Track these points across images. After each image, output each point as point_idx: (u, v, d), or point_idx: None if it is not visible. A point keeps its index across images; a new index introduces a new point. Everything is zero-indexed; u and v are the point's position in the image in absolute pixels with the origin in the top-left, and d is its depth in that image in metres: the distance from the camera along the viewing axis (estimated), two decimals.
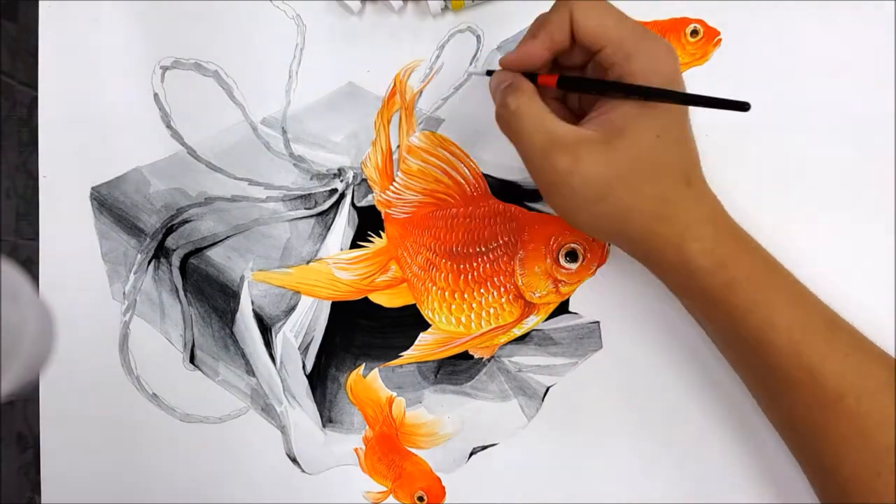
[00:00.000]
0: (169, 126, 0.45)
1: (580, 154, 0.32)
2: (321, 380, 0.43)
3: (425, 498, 0.42)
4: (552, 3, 0.42)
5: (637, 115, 0.32)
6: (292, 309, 0.43)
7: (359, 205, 0.43)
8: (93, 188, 0.45)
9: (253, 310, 0.44)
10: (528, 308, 0.41)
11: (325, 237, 0.43)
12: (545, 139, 0.33)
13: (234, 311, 0.44)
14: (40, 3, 0.46)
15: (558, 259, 0.40)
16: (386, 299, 0.43)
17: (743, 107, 0.29)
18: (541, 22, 0.34)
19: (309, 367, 0.43)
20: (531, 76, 0.35)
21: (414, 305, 0.42)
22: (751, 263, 0.34)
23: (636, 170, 0.32)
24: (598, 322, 0.41)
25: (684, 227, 0.33)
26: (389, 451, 0.42)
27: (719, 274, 0.33)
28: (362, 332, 0.43)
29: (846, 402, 0.32)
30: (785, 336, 0.33)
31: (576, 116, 0.37)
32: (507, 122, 0.34)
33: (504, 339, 0.42)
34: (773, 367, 0.33)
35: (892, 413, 0.32)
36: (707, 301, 0.35)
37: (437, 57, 0.43)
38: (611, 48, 0.32)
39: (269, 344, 0.43)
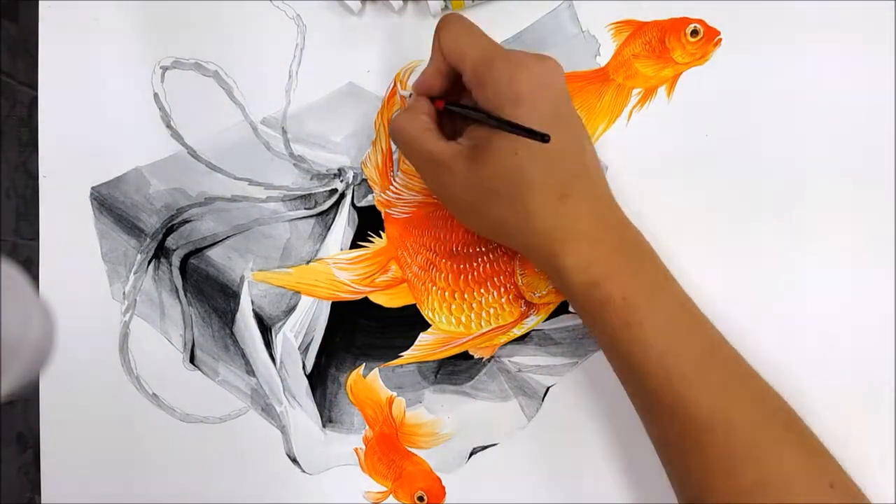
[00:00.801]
0: (169, 126, 0.45)
1: (453, 168, 0.34)
2: (321, 380, 0.43)
3: (425, 498, 0.42)
4: (552, 2, 0.42)
5: (494, 133, 0.33)
6: (292, 309, 0.43)
7: (359, 205, 0.43)
8: (93, 188, 0.45)
9: (253, 310, 0.44)
10: (528, 308, 0.41)
11: (325, 237, 0.43)
12: (423, 154, 0.35)
13: (234, 312, 0.44)
14: (40, 3, 0.46)
15: None
16: (386, 299, 0.43)
17: (543, 138, 0.29)
18: (431, 48, 0.36)
19: (309, 367, 0.43)
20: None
21: (414, 305, 0.42)
22: (630, 283, 0.33)
23: (499, 183, 0.33)
24: None
25: (558, 243, 0.33)
26: (389, 451, 0.42)
27: (593, 291, 0.33)
28: (362, 332, 0.43)
29: (715, 436, 0.31)
30: (656, 361, 0.32)
31: None
32: (394, 137, 0.37)
33: (504, 339, 0.42)
34: (646, 388, 0.33)
35: (761, 450, 0.31)
36: (584, 314, 0.35)
37: None
38: (467, 73, 0.34)
39: (269, 344, 0.43)
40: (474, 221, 0.37)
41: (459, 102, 0.37)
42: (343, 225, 0.43)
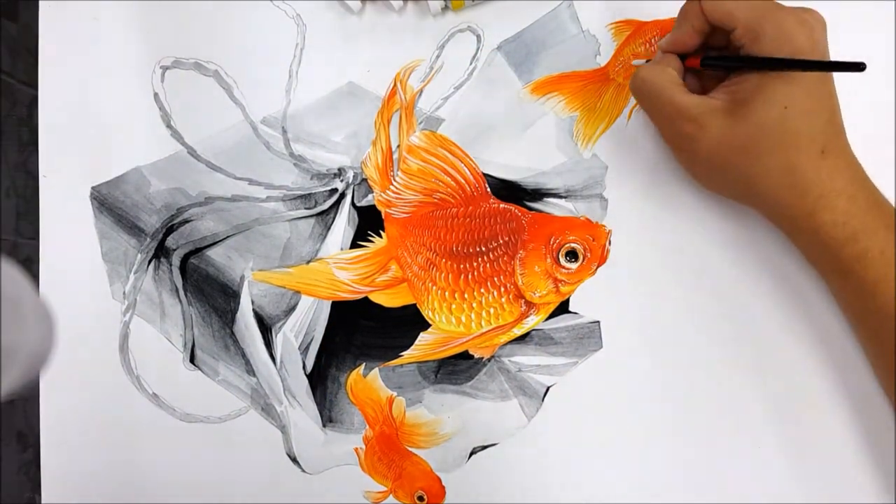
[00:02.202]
0: (169, 126, 0.45)
1: (705, 122, 0.34)
2: (321, 379, 0.43)
3: (425, 498, 0.42)
4: (552, 2, 0.43)
5: (763, 85, 0.33)
6: (292, 309, 0.43)
7: (359, 204, 0.43)
8: (93, 188, 0.45)
9: (253, 310, 0.44)
10: (529, 308, 0.41)
11: (325, 237, 0.43)
12: (670, 108, 0.35)
13: (234, 311, 0.44)
14: (40, 3, 0.46)
15: (558, 259, 0.40)
16: (386, 299, 0.43)
17: (859, 67, 0.30)
18: (682, 10, 0.36)
19: (309, 367, 0.43)
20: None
21: (414, 305, 0.42)
22: (886, 238, 0.33)
23: (761, 139, 0.33)
24: (598, 322, 0.41)
25: (815, 198, 0.34)
26: (389, 451, 0.42)
27: (850, 246, 0.34)
28: (362, 331, 0.43)
29: None
30: None
31: None
32: (637, 90, 0.37)
33: (504, 338, 0.42)
34: None
35: None
36: (837, 272, 0.35)
37: (438, 56, 0.43)
38: (739, 30, 0.34)
39: (269, 344, 0.43)
40: (717, 180, 0.37)
41: (724, 55, 0.36)
42: (343, 225, 0.43)
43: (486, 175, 0.42)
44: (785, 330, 0.40)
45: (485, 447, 0.42)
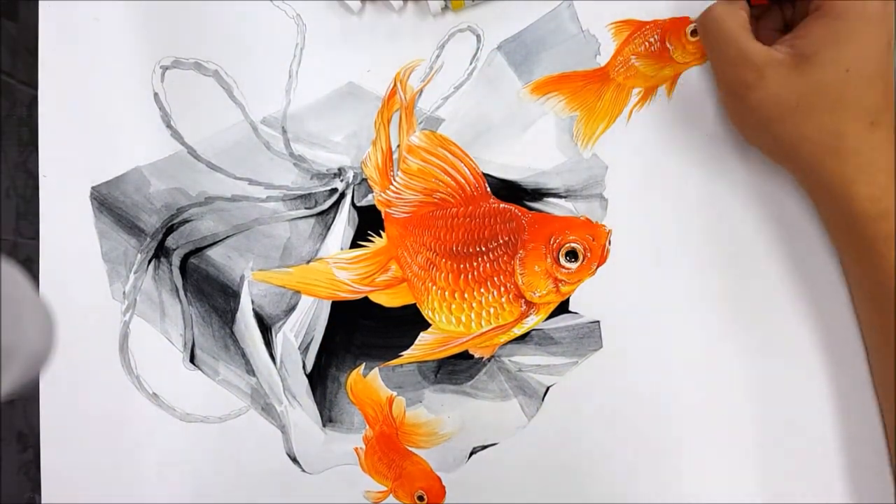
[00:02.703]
0: (169, 126, 0.45)
1: (765, 73, 0.33)
2: (321, 379, 0.43)
3: (425, 497, 0.42)
4: (552, 2, 0.42)
5: (830, 43, 0.33)
6: (292, 308, 0.43)
7: (359, 204, 0.43)
8: (93, 188, 0.45)
9: (253, 309, 0.44)
10: (528, 307, 0.41)
11: (325, 237, 0.43)
12: (735, 51, 0.34)
13: (234, 311, 0.44)
14: (40, 2, 0.46)
15: (559, 258, 0.40)
16: (386, 299, 0.43)
17: None
18: None
19: (309, 367, 0.43)
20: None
21: (414, 305, 0.42)
22: None
23: (817, 98, 0.33)
24: (598, 321, 0.41)
25: (856, 168, 0.33)
26: (389, 451, 0.42)
27: (881, 224, 0.33)
28: (362, 331, 0.43)
29: None
30: None
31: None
32: (705, 26, 0.36)
33: (504, 338, 0.42)
34: None
35: None
36: (861, 250, 0.35)
37: (438, 56, 0.43)
38: None
39: (269, 343, 0.43)
40: (764, 136, 0.36)
41: None
42: (343, 224, 0.43)
43: (486, 175, 0.42)
44: (790, 327, 0.40)
45: (485, 447, 0.42)
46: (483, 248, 0.41)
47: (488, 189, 0.42)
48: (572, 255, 0.40)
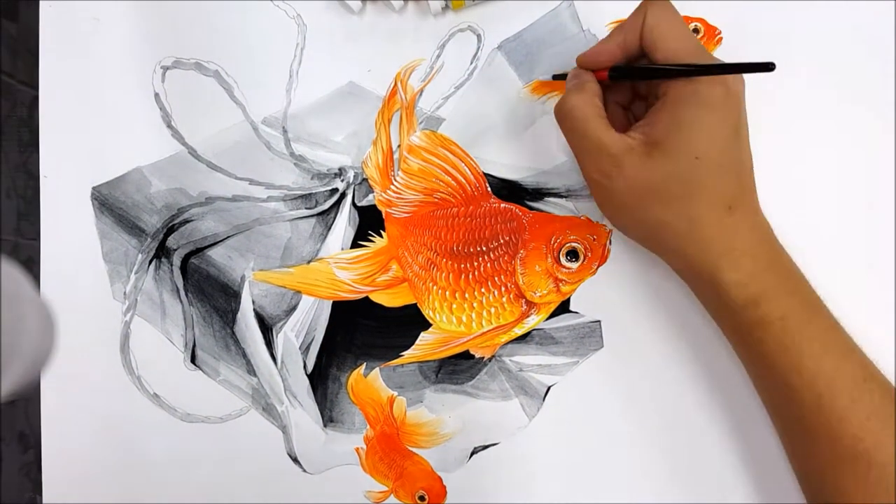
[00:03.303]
0: (169, 126, 0.45)
1: (622, 161, 0.33)
2: (322, 379, 0.43)
3: (426, 497, 0.42)
4: (552, 2, 0.42)
5: (676, 131, 0.32)
6: (293, 309, 0.43)
7: (359, 204, 0.43)
8: (93, 188, 0.45)
9: (254, 309, 0.44)
10: (529, 307, 0.41)
11: (325, 237, 0.43)
12: (592, 143, 0.34)
13: (234, 311, 0.44)
14: (40, 3, 0.46)
15: (559, 258, 0.40)
16: (387, 299, 0.43)
17: (768, 67, 0.30)
18: (619, 25, 0.35)
19: (310, 367, 0.43)
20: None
21: (415, 305, 0.42)
22: (787, 305, 0.32)
23: (671, 185, 0.32)
24: (598, 321, 0.41)
25: (719, 255, 0.33)
26: (390, 451, 0.42)
27: (751, 310, 0.32)
28: (363, 331, 0.43)
29: (860, 465, 0.31)
30: (808, 386, 0.32)
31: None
32: (561, 118, 0.35)
33: (505, 338, 0.42)
34: (796, 415, 0.33)
35: None
36: (737, 333, 0.34)
37: (438, 56, 0.43)
38: (659, 60, 0.33)
39: (269, 344, 0.43)
40: (628, 221, 0.36)
41: (633, 66, 0.35)
42: (344, 224, 0.43)
43: (486, 174, 0.42)
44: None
45: (486, 447, 0.42)
46: (484, 248, 0.41)
47: (489, 189, 0.42)
48: (573, 254, 0.40)
